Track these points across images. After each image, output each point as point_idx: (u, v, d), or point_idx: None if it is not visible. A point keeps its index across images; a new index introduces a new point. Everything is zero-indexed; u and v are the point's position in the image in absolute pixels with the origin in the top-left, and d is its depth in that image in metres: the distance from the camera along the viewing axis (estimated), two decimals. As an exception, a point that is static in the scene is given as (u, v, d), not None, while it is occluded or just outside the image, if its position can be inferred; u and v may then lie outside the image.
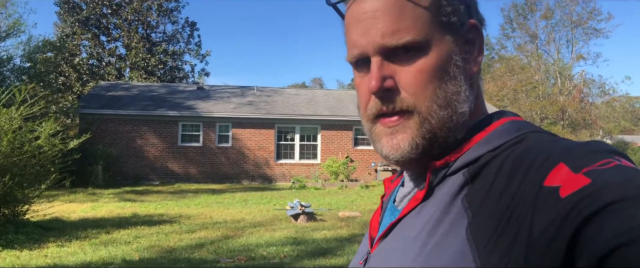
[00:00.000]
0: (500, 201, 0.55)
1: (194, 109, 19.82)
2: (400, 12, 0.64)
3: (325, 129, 20.28)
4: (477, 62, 0.69)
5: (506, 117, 0.68)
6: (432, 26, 0.65)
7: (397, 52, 0.65)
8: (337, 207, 12.15)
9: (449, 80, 0.65)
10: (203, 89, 23.50)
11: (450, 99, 0.65)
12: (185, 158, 19.32)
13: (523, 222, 0.51)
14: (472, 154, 0.64)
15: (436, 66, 0.65)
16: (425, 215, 0.63)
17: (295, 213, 9.81)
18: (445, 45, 0.65)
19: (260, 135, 19.87)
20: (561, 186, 0.50)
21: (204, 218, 10.25)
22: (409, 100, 0.65)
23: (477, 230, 0.56)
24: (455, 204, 0.60)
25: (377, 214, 0.81)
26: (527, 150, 0.59)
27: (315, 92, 25.22)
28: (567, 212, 0.48)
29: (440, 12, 0.65)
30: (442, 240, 0.58)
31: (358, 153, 20.28)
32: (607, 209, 0.45)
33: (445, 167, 0.65)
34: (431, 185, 0.66)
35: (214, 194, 15.08)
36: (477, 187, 0.60)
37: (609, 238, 0.44)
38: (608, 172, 0.49)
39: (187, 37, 37.09)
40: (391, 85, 0.65)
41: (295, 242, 7.80)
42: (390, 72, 0.65)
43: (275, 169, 19.96)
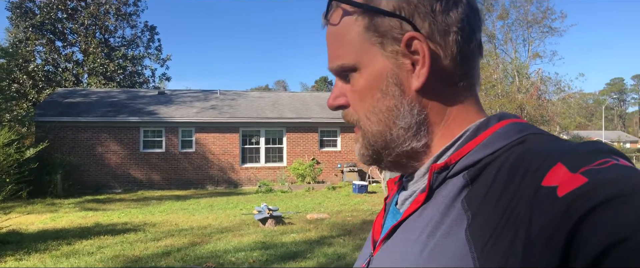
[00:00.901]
0: (500, 202, 0.56)
1: (156, 114, 19.45)
2: (339, 39, 0.72)
3: (290, 132, 20.22)
4: (420, 74, 0.67)
5: (507, 119, 0.68)
6: (362, 47, 0.69)
7: (342, 73, 0.73)
8: (304, 210, 12.11)
9: (382, 98, 0.70)
10: (164, 94, 23.11)
11: (383, 115, 0.70)
12: (148, 165, 18.94)
13: (521, 222, 0.52)
14: (473, 157, 0.64)
15: (365, 85, 0.70)
16: (426, 217, 0.64)
17: (263, 217, 9.73)
18: (376, 64, 0.69)
19: (224, 140, 19.65)
20: (559, 186, 0.50)
21: (170, 226, 10.06)
22: (353, 115, 0.74)
23: (476, 231, 0.56)
24: (455, 206, 0.61)
25: (380, 217, 0.82)
26: (526, 152, 0.59)
27: (280, 95, 25.13)
28: (563, 211, 0.48)
29: (369, 35, 0.69)
30: (442, 241, 0.59)
31: (324, 155, 20.29)
32: (603, 206, 0.45)
33: (446, 170, 0.65)
34: (432, 187, 0.66)
35: (179, 200, 14.83)
36: (477, 188, 0.60)
37: (604, 236, 0.44)
38: (605, 171, 0.50)
39: (146, 42, 36.45)
40: (342, 103, 0.75)
41: (264, 247, 7.72)
42: (343, 90, 0.74)
43: (241, 173, 19.78)
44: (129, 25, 35.66)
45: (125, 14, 34.68)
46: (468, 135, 0.67)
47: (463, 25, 0.68)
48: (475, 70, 0.72)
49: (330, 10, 0.74)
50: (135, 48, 35.95)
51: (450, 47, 0.67)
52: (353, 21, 0.70)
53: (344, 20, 0.71)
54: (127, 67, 33.88)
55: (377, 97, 0.70)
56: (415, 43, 0.67)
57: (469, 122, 0.70)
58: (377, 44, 0.69)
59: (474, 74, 0.71)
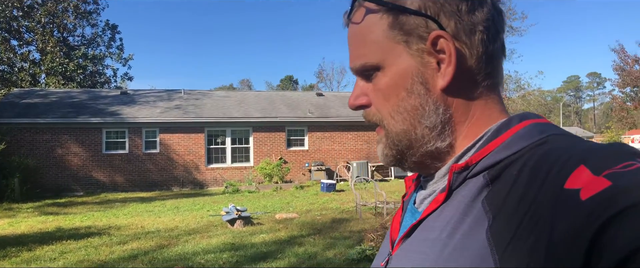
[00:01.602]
0: (521, 203, 0.55)
1: (119, 114, 19.00)
2: (362, 38, 0.71)
3: (257, 131, 20.07)
4: (446, 73, 0.67)
5: (529, 120, 0.67)
6: (387, 46, 0.69)
7: (365, 72, 0.72)
8: (273, 210, 12.04)
9: (407, 97, 0.69)
10: (127, 94, 22.60)
11: (408, 114, 0.69)
12: (111, 167, 18.49)
13: (544, 224, 0.51)
14: (493, 157, 0.63)
15: (390, 84, 0.70)
16: (446, 217, 0.63)
17: (232, 218, 9.62)
18: (402, 62, 0.68)
19: (189, 140, 19.36)
20: (582, 189, 0.49)
21: (135, 228, 9.83)
22: (376, 115, 0.73)
23: (497, 232, 0.55)
24: (475, 206, 0.60)
25: (398, 215, 0.82)
26: (548, 153, 0.58)
27: (246, 94, 24.90)
28: (587, 214, 0.47)
29: (394, 33, 0.68)
30: (462, 241, 0.58)
31: (291, 154, 20.23)
32: (628, 211, 0.45)
33: (466, 170, 0.65)
34: (451, 187, 0.66)
35: (144, 202, 14.53)
36: (498, 189, 0.60)
37: (630, 240, 0.43)
38: (629, 175, 0.49)
39: (107, 41, 35.67)
40: (363, 102, 0.74)
41: (233, 248, 7.64)
42: (365, 90, 0.74)
43: (207, 174, 19.52)
44: (89, 23, 34.81)
45: (84, 12, 33.80)
46: (489, 135, 0.67)
47: (488, 25, 0.68)
48: (499, 70, 0.72)
49: (353, 10, 0.73)
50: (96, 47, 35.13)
51: (475, 46, 0.67)
52: (377, 19, 0.70)
53: (367, 18, 0.71)
54: (87, 66, 33.03)
55: (402, 96, 0.69)
56: (441, 42, 0.66)
57: (492, 121, 0.69)
58: (402, 42, 0.68)
59: (497, 73, 0.71)
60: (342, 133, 20.74)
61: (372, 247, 6.83)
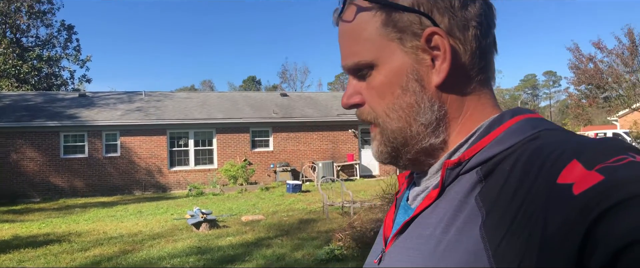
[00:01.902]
0: (514, 199, 0.55)
1: (77, 117, 18.47)
2: (354, 36, 0.70)
3: (220, 133, 19.85)
4: (441, 69, 0.67)
5: (521, 115, 0.67)
6: (380, 43, 0.68)
7: (358, 71, 0.71)
8: (239, 212, 11.93)
9: (402, 94, 0.68)
10: (86, 96, 22.01)
11: (403, 112, 0.69)
12: (70, 171, 17.96)
13: (537, 219, 0.51)
14: (486, 153, 0.63)
15: (384, 82, 0.69)
16: (439, 213, 0.63)
17: (197, 221, 9.48)
18: (397, 59, 0.68)
19: (151, 142, 18.99)
20: (574, 183, 0.50)
21: (97, 234, 9.57)
22: (371, 113, 0.72)
23: (491, 228, 0.55)
24: (468, 202, 0.60)
25: (391, 212, 0.81)
26: (540, 148, 0.58)
27: (208, 95, 24.60)
28: (580, 209, 0.47)
29: (387, 31, 0.68)
30: (456, 238, 0.58)
31: (256, 155, 20.08)
32: (621, 205, 0.45)
33: (459, 166, 0.65)
34: (444, 183, 0.66)
35: (105, 207, 14.17)
36: (491, 185, 0.59)
37: (624, 233, 0.43)
38: (622, 168, 0.49)
39: (64, 42, 34.67)
40: (357, 101, 0.73)
41: (200, 252, 7.52)
42: (358, 88, 0.73)
43: (170, 177, 19.19)
44: (44, 24, 33.75)
45: (39, 12, 32.75)
46: (482, 131, 0.67)
47: (481, 20, 0.68)
48: (491, 64, 0.72)
49: (344, 8, 0.73)
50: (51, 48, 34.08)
51: (469, 42, 0.67)
52: (370, 17, 0.69)
53: (359, 16, 0.70)
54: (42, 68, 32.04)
55: (397, 94, 0.69)
56: (435, 38, 0.66)
57: (485, 117, 0.69)
58: (396, 39, 0.68)
59: (490, 68, 0.71)
60: (307, 133, 20.73)
61: (341, 247, 6.83)
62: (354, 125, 21.18)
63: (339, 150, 20.97)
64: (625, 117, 23.54)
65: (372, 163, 21.65)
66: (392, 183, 8.03)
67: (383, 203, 7.95)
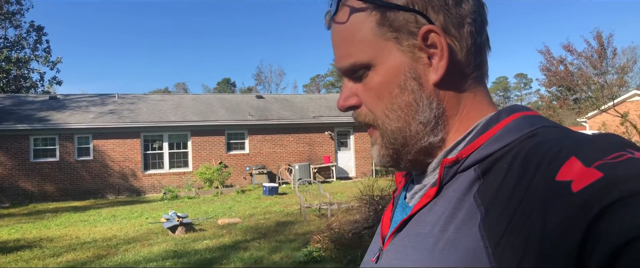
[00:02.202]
0: (513, 196, 0.55)
1: (48, 120, 18.07)
2: (349, 37, 0.70)
3: (195, 135, 19.65)
4: (439, 67, 0.67)
5: (518, 112, 0.67)
6: (377, 43, 0.68)
7: (354, 72, 0.71)
8: (215, 215, 11.83)
9: (400, 93, 0.68)
10: (57, 99, 21.55)
11: (402, 111, 0.68)
12: (40, 175, 17.56)
13: (536, 217, 0.51)
14: (484, 151, 0.63)
15: (382, 82, 0.68)
16: (437, 211, 0.63)
17: (173, 225, 9.36)
18: (393, 58, 0.68)
19: (124, 146, 18.69)
20: (573, 180, 0.49)
21: (70, 239, 9.38)
22: (369, 115, 0.72)
23: (490, 226, 0.55)
24: (467, 200, 0.60)
25: (389, 210, 0.80)
26: (538, 145, 0.58)
27: (183, 97, 24.34)
28: (579, 206, 0.47)
29: (383, 30, 0.67)
30: (455, 236, 0.58)
31: (231, 158, 19.94)
32: (621, 202, 0.45)
33: (457, 164, 0.65)
34: (442, 181, 0.66)
35: (77, 212, 13.90)
36: (489, 182, 0.59)
37: (623, 230, 0.43)
38: (621, 165, 0.49)
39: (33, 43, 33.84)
40: (354, 103, 0.72)
41: (176, 255, 7.43)
42: (355, 90, 0.72)
43: (144, 180, 18.92)
44: (12, 25, 32.91)
45: (7, 13, 31.96)
46: (479, 129, 0.67)
47: (475, 17, 0.68)
48: (486, 61, 0.72)
49: (337, 9, 0.72)
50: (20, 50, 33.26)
51: (465, 39, 0.67)
52: (364, 17, 0.69)
53: (353, 17, 0.70)
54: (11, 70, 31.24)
55: (395, 93, 0.68)
56: (432, 36, 0.66)
57: (482, 114, 0.69)
58: (392, 39, 0.67)
59: (484, 65, 0.71)
60: (283, 136, 20.67)
61: (319, 249, 6.83)
62: (330, 127, 21.21)
63: (315, 153, 20.96)
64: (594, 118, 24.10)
65: (349, 165, 21.70)
66: (369, 185, 8.06)
67: (360, 205, 7.97)
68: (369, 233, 6.84)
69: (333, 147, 21.37)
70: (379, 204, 7.49)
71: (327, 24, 0.75)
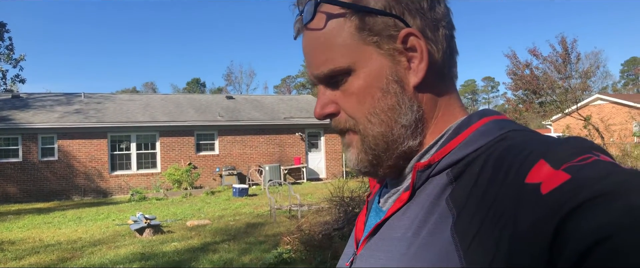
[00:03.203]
0: (484, 199, 0.56)
1: (10, 120, 17.57)
2: (325, 44, 0.69)
3: (164, 136, 19.38)
4: (418, 70, 0.68)
5: (489, 116, 0.68)
6: (357, 48, 0.68)
7: (332, 79, 0.70)
8: (184, 217, 11.69)
9: (382, 97, 0.68)
10: (20, 97, 20.98)
11: (385, 115, 0.68)
12: (2, 177, 17.05)
13: (507, 219, 0.52)
14: (456, 155, 0.64)
15: (364, 86, 0.68)
16: (410, 215, 0.64)
17: (140, 226, 9.22)
18: (373, 63, 0.68)
19: (91, 146, 18.31)
20: (542, 183, 0.51)
21: (33, 242, 9.13)
22: (349, 121, 0.71)
23: (461, 229, 0.56)
24: (439, 204, 0.61)
25: (363, 215, 0.81)
26: (509, 148, 0.59)
27: (151, 97, 23.98)
28: (548, 208, 0.48)
29: (362, 35, 0.67)
30: (428, 240, 0.59)
31: (201, 159, 19.73)
32: (587, 204, 0.46)
33: (429, 168, 0.65)
34: (415, 186, 0.66)
35: (41, 214, 13.53)
36: (461, 186, 0.60)
37: (589, 233, 0.44)
38: (587, 167, 0.50)
39: (-5, 40, 32.81)
40: (332, 110, 0.71)
41: (143, 258, 7.32)
42: (333, 97, 0.71)
43: (111, 181, 18.57)
44: (-27, 21, 31.86)
45: (-32, 9, 30.91)
46: (451, 133, 0.68)
47: (448, 20, 0.71)
48: (456, 65, 0.74)
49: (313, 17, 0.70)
50: (-19, 47, 32.23)
51: (440, 41, 0.69)
52: (342, 23, 0.68)
53: (330, 23, 0.69)
54: (-29, 68, 30.25)
55: (378, 97, 0.68)
56: (411, 39, 0.67)
57: (455, 118, 0.71)
58: (373, 43, 0.68)
59: (456, 68, 0.73)
60: (253, 136, 20.57)
61: (289, 250, 6.82)
62: (301, 129, 21.20)
63: (286, 154, 20.92)
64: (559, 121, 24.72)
65: (320, 167, 21.72)
66: (339, 186, 8.08)
67: (330, 206, 7.99)
68: (339, 234, 6.86)
69: (304, 149, 21.36)
70: (348, 206, 7.52)
71: (296, 33, 0.74)
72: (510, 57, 18.86)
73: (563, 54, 17.66)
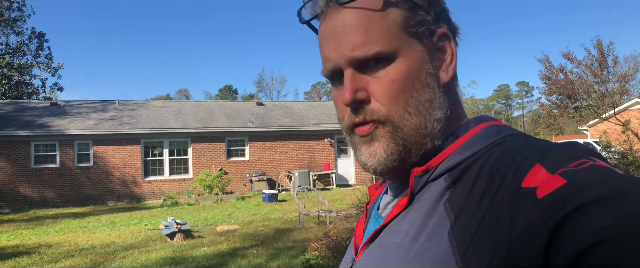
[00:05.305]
0: (481, 204, 0.56)
1: (49, 126, 18.11)
2: (369, 25, 0.66)
3: (196, 142, 19.66)
4: (449, 69, 0.71)
5: (486, 122, 0.69)
6: (401, 37, 0.67)
7: (368, 63, 0.67)
8: (214, 222, 11.81)
9: (421, 89, 0.67)
10: (57, 105, 21.60)
11: (423, 106, 0.67)
12: (40, 182, 17.57)
13: (503, 223, 0.52)
14: (454, 159, 0.65)
15: (406, 75, 0.67)
16: (409, 221, 0.64)
17: (171, 231, 9.35)
18: (415, 54, 0.68)
19: (125, 152, 18.71)
20: (538, 187, 0.51)
21: (68, 246, 9.37)
22: (381, 111, 0.67)
23: (459, 233, 0.56)
24: (437, 209, 0.61)
25: (362, 222, 0.82)
26: (505, 153, 0.60)
27: (183, 104, 24.38)
28: (544, 212, 0.48)
29: (408, 23, 0.67)
30: (426, 244, 0.59)
31: (232, 165, 19.94)
32: (582, 209, 0.46)
33: (427, 173, 0.66)
34: (413, 191, 0.66)
35: (77, 218, 13.88)
36: (458, 191, 0.61)
37: (584, 237, 0.45)
38: (583, 172, 0.50)
39: (35, 49, 34.00)
40: (364, 97, 0.67)
41: (173, 262, 7.42)
42: (363, 83, 0.67)
43: (144, 187, 18.92)
44: (14, 31, 33.06)
45: (8, 20, 32.10)
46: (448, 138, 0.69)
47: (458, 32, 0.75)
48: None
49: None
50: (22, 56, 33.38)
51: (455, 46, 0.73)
52: (392, 9, 0.68)
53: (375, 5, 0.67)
54: (13, 76, 31.35)
55: (417, 88, 0.67)
56: (444, 39, 0.71)
57: (460, 120, 0.72)
58: (415, 35, 0.68)
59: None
60: (283, 142, 20.68)
61: (317, 256, 6.81)
62: (330, 135, 21.21)
63: (315, 160, 20.95)
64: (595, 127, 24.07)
65: (349, 172, 21.68)
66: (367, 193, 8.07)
67: (359, 213, 7.96)
68: (366, 241, 6.83)
69: (333, 154, 21.36)
70: (377, 212, 7.48)
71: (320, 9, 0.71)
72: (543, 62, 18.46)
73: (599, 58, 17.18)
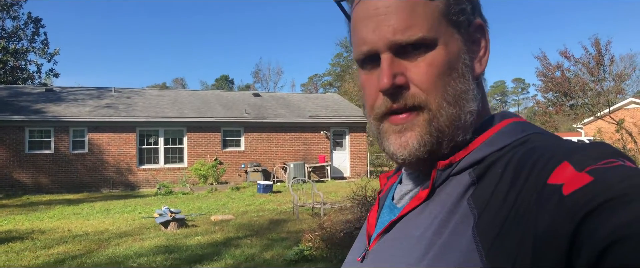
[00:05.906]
0: (506, 200, 0.56)
1: (44, 112, 18.03)
2: (412, 9, 0.65)
3: (191, 131, 19.63)
4: (482, 62, 0.70)
5: (510, 118, 0.69)
6: (443, 24, 0.66)
7: (406, 48, 0.65)
8: (208, 211, 11.82)
9: (458, 78, 0.66)
10: (53, 91, 21.50)
11: (459, 96, 0.66)
12: (35, 167, 17.51)
13: (528, 220, 0.52)
14: (478, 154, 0.64)
15: (445, 62, 0.65)
16: (431, 214, 0.63)
17: (165, 220, 9.36)
18: (454, 43, 0.67)
19: (120, 140, 18.66)
20: (564, 184, 0.51)
21: (62, 232, 9.36)
22: (420, 96, 0.65)
23: (483, 230, 0.56)
24: (461, 204, 0.61)
25: (374, 211, 0.80)
26: (532, 150, 0.60)
27: (180, 93, 24.32)
28: (569, 208, 0.49)
29: (449, 11, 0.67)
30: (449, 239, 0.59)
31: (227, 155, 19.93)
32: (607, 205, 0.46)
33: (450, 167, 0.66)
34: (435, 184, 0.66)
35: (71, 205, 13.86)
36: (483, 187, 0.60)
37: (608, 233, 0.45)
38: (611, 171, 0.50)
39: (31, 35, 33.73)
40: (402, 82, 0.65)
41: (167, 251, 7.42)
42: (400, 68, 0.65)
43: (139, 175, 18.89)
44: (10, 16, 32.78)
45: (5, 4, 31.84)
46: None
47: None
48: None
49: None
50: (18, 41, 33.14)
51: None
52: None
53: None
54: (8, 61, 31.15)
55: (454, 77, 0.66)
56: (480, 31, 0.71)
57: (486, 114, 0.72)
58: (454, 24, 0.68)
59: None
60: (279, 134, 20.67)
61: (310, 247, 6.83)
62: (326, 127, 21.22)
63: (310, 152, 20.97)
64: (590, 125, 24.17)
65: (344, 165, 21.71)
66: (362, 185, 8.08)
67: (353, 205, 7.98)
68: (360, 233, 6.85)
69: (328, 147, 21.38)
70: (371, 205, 7.50)
71: None
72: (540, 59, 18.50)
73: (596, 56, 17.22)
